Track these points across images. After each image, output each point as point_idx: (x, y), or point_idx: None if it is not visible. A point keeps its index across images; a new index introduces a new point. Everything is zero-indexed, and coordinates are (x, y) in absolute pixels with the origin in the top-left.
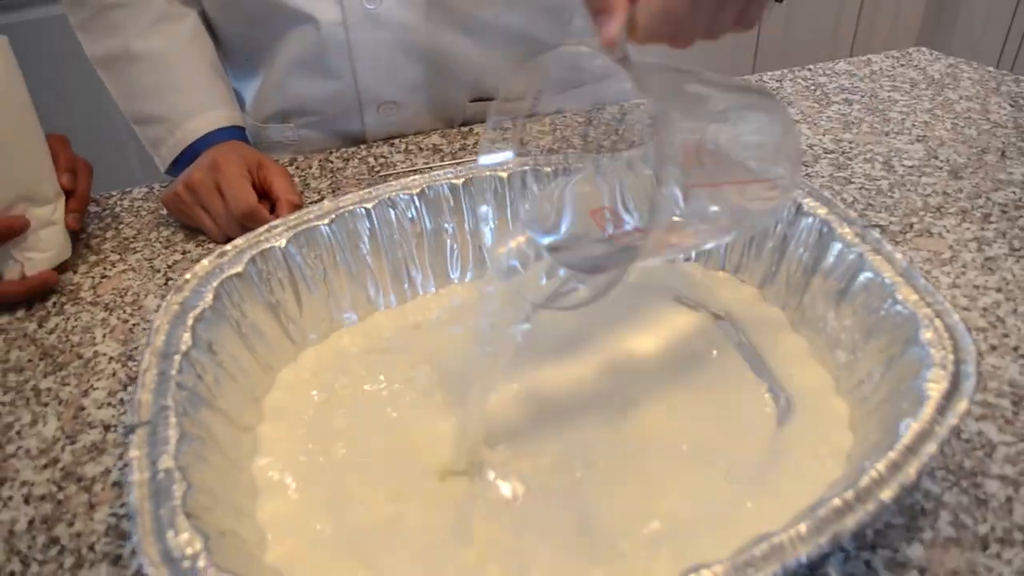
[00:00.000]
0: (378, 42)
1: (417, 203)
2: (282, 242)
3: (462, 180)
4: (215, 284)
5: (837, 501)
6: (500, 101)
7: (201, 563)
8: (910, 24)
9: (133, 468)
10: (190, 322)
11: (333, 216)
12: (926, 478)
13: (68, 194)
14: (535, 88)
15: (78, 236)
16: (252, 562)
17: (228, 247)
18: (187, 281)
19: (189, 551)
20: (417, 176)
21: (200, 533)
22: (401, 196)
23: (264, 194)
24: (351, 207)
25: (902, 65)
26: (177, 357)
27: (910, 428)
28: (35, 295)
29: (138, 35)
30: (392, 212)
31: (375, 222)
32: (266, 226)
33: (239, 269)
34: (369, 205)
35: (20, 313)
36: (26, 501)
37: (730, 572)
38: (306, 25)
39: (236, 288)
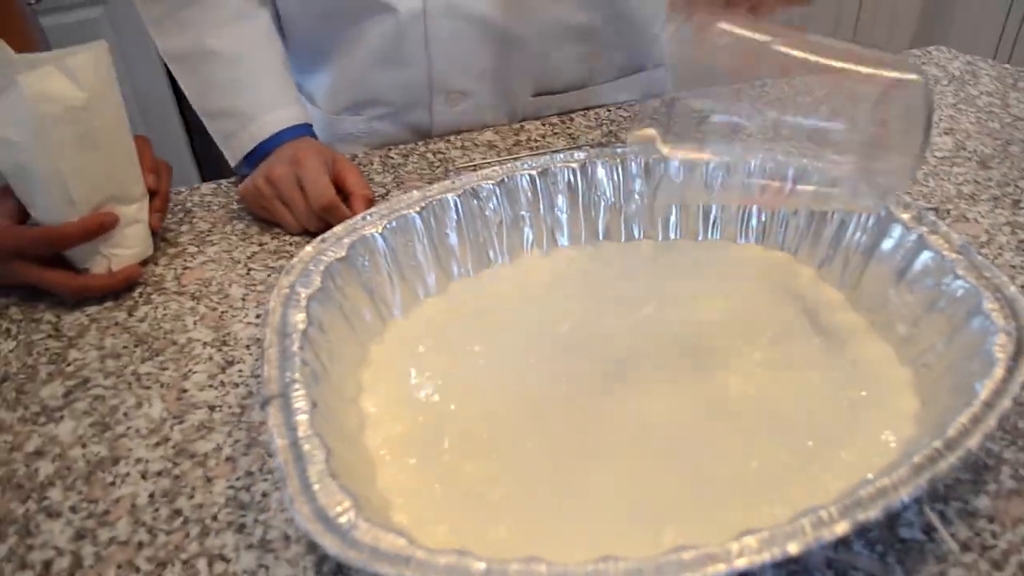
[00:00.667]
0: (454, 31)
1: (498, 193)
2: (378, 229)
3: (538, 171)
4: (321, 268)
5: (928, 449)
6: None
7: (353, 518)
8: (906, 25)
9: (275, 435)
10: (304, 302)
11: (423, 204)
12: (987, 438)
13: (152, 194)
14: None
15: (156, 232)
16: (387, 522)
17: (327, 234)
18: (294, 265)
19: (339, 508)
20: (497, 167)
21: (347, 492)
22: (484, 186)
23: (337, 189)
24: (439, 196)
25: (923, 63)
26: (296, 335)
27: (985, 386)
28: (121, 289)
29: (213, 32)
30: (475, 201)
31: (461, 210)
32: (360, 216)
33: (342, 254)
34: (455, 194)
35: (109, 303)
36: (143, 477)
37: (843, 511)
38: (384, 15)
39: (340, 271)
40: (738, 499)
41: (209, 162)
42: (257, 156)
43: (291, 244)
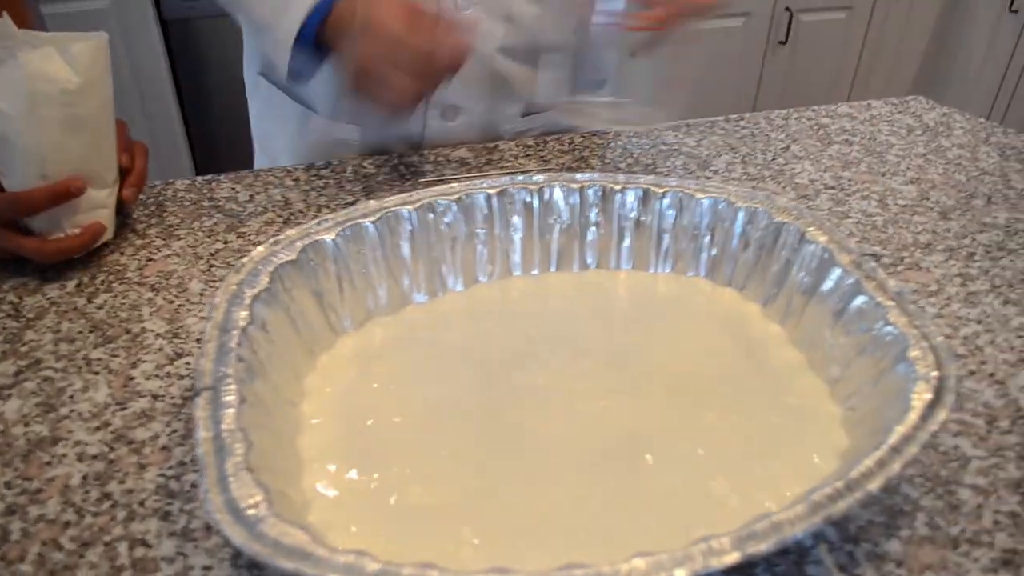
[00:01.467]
0: None
1: (455, 209)
2: (331, 235)
3: (496, 191)
4: (270, 269)
5: (829, 489)
6: None
7: (262, 512)
8: (907, 74)
9: (199, 426)
10: (248, 300)
11: (379, 215)
12: (906, 484)
13: (126, 173)
14: None
15: (124, 221)
16: (300, 519)
17: (281, 236)
18: (244, 264)
19: (251, 501)
20: (456, 184)
21: (260, 486)
22: (440, 201)
23: None
24: (395, 208)
25: (900, 112)
26: (235, 332)
27: (896, 432)
28: (88, 246)
29: None
30: (431, 215)
31: (415, 223)
32: (316, 220)
33: (292, 256)
34: (412, 207)
35: (70, 288)
36: (79, 459)
37: (735, 542)
38: None
39: (289, 274)
40: (647, 522)
41: (204, 153)
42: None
43: (254, 244)
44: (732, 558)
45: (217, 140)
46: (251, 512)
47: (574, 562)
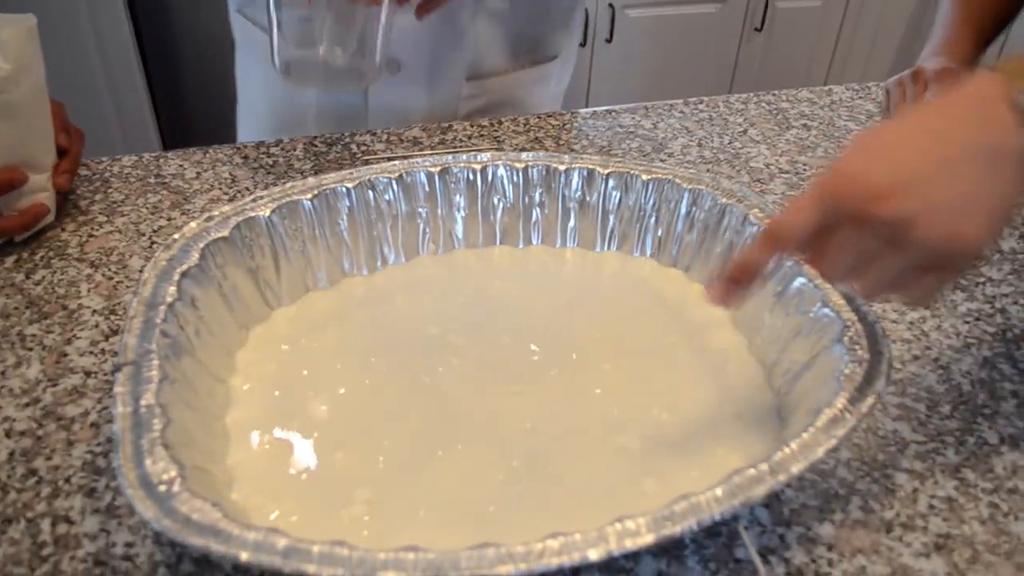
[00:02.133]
0: None
1: (395, 187)
2: (266, 212)
3: (438, 169)
4: (201, 245)
5: (752, 471)
6: None
7: (176, 488)
8: (883, 62)
9: (117, 401)
10: (176, 277)
11: (316, 192)
12: (841, 467)
13: (61, 154)
14: None
15: (66, 197)
16: (219, 496)
17: (215, 213)
18: (175, 240)
19: (165, 477)
20: (397, 162)
21: (175, 462)
22: (381, 179)
23: None
24: (333, 185)
25: (860, 97)
26: (163, 308)
27: (824, 414)
28: (31, 228)
29: None
30: (371, 193)
31: (354, 201)
32: (251, 197)
33: (224, 233)
34: (350, 185)
35: (8, 263)
36: (7, 435)
37: (651, 524)
38: None
39: (220, 250)
40: (570, 504)
41: (171, 127)
42: None
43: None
44: (647, 540)
45: (185, 113)
46: (163, 488)
47: (490, 541)
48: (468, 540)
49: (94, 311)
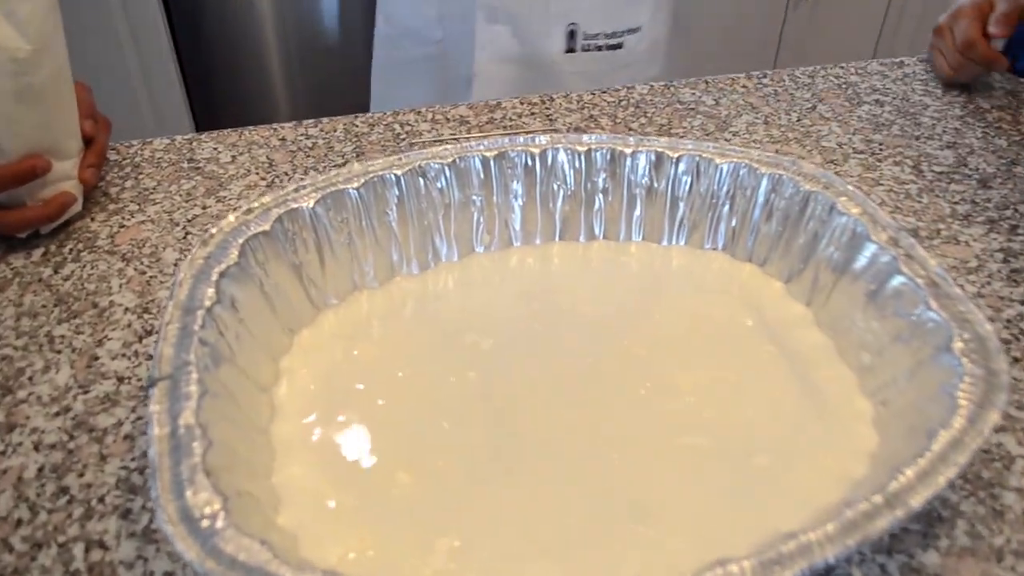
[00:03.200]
0: None
1: (448, 173)
2: (310, 203)
3: (494, 153)
4: (241, 241)
5: (866, 504)
6: None
7: (220, 524)
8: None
9: (153, 423)
10: (214, 277)
11: (363, 180)
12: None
13: (87, 143)
14: None
15: (95, 187)
16: (266, 524)
17: (255, 204)
18: (213, 236)
19: (208, 511)
20: (449, 146)
21: (219, 493)
22: (432, 165)
23: None
24: (381, 172)
25: (930, 70)
26: (200, 312)
27: (940, 436)
28: (57, 219)
29: None
30: (422, 181)
31: (404, 189)
32: (293, 185)
33: (266, 227)
34: (399, 172)
35: (36, 257)
36: (36, 448)
37: (757, 569)
38: None
39: (261, 246)
40: (651, 538)
41: (204, 109)
42: None
43: (234, 210)
44: None
45: (217, 93)
46: (206, 524)
47: None
48: None
49: (126, 309)
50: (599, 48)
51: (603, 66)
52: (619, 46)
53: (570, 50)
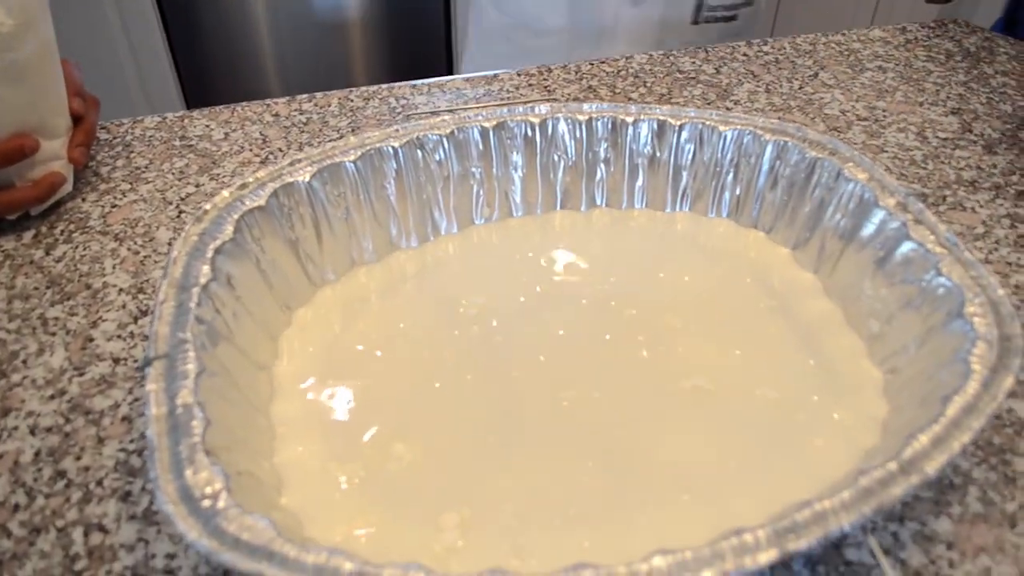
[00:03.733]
0: None
1: (446, 145)
2: (306, 177)
3: (493, 124)
4: (236, 216)
5: (881, 471)
6: None
7: (221, 503)
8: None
9: (150, 402)
10: (210, 254)
11: (359, 153)
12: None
13: (75, 122)
14: None
15: (86, 164)
16: (269, 504)
17: (249, 179)
18: (207, 212)
19: (209, 490)
20: (447, 117)
21: (220, 472)
22: (430, 136)
23: None
24: (378, 144)
25: (937, 36)
26: (196, 289)
27: (954, 402)
28: (47, 199)
29: None
30: (420, 152)
31: (402, 162)
32: (288, 160)
33: (261, 202)
34: (397, 144)
35: (27, 239)
36: (32, 432)
37: (772, 538)
38: None
39: (257, 222)
40: (664, 507)
41: (194, 86)
42: None
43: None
44: (769, 556)
45: (207, 69)
46: (207, 503)
47: (583, 561)
48: (556, 554)
49: (120, 290)
50: (717, 19)
51: (720, 35)
52: (734, 18)
53: (695, 22)
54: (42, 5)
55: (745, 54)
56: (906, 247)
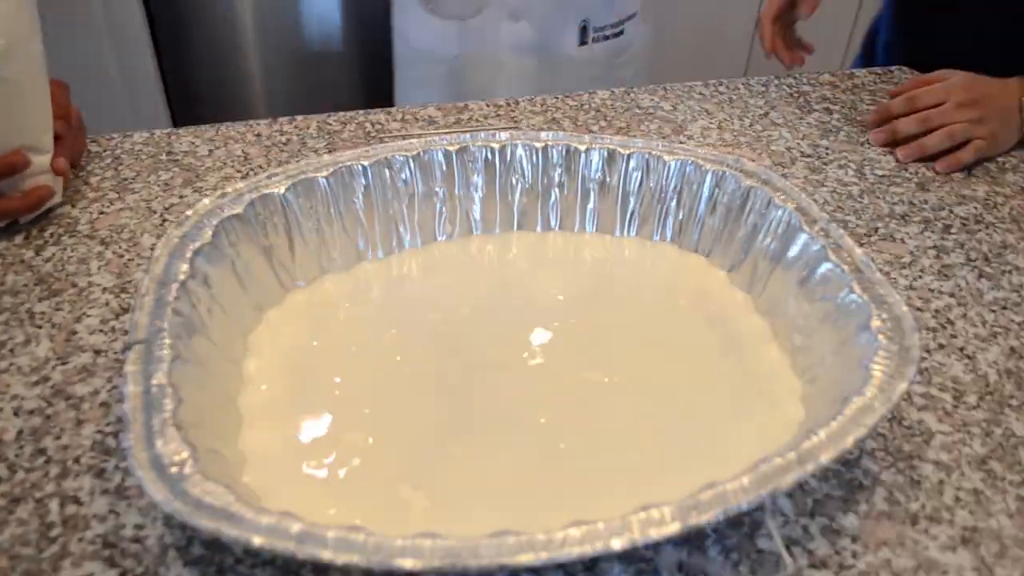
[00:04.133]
0: None
1: (412, 165)
2: (281, 189)
3: (456, 148)
4: (215, 222)
5: (779, 460)
6: None
7: (187, 470)
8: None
9: (128, 380)
10: (188, 254)
11: (332, 170)
12: (866, 457)
13: (56, 139)
14: None
15: (76, 174)
16: (232, 481)
17: (229, 189)
18: (188, 217)
19: (176, 459)
20: (414, 140)
21: (187, 444)
22: (397, 157)
23: None
24: (349, 163)
25: (883, 82)
26: (175, 285)
27: (853, 403)
28: (35, 210)
29: None
30: (388, 172)
31: (371, 179)
32: (266, 173)
33: (239, 210)
34: (366, 163)
35: (18, 240)
36: (16, 414)
37: (676, 513)
38: None
39: (234, 228)
40: (591, 490)
41: (182, 105)
42: None
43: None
44: (672, 529)
45: (195, 90)
46: (174, 470)
47: (510, 528)
48: (487, 527)
49: (104, 289)
50: (606, 38)
51: (608, 52)
52: (621, 33)
53: (583, 43)
54: (32, 24)
55: (701, 92)
56: (824, 267)
